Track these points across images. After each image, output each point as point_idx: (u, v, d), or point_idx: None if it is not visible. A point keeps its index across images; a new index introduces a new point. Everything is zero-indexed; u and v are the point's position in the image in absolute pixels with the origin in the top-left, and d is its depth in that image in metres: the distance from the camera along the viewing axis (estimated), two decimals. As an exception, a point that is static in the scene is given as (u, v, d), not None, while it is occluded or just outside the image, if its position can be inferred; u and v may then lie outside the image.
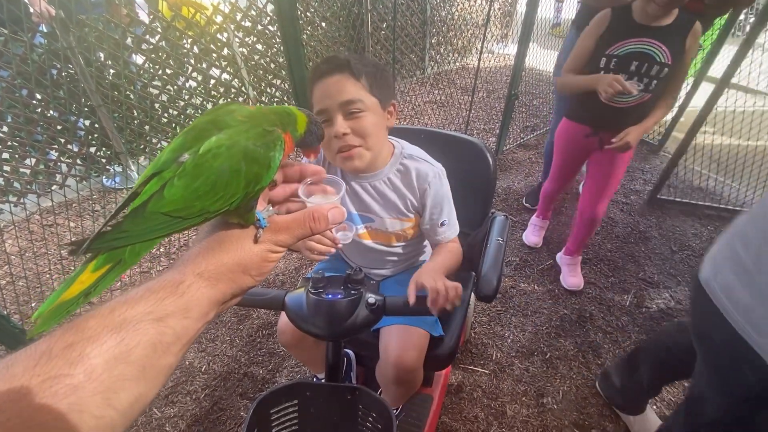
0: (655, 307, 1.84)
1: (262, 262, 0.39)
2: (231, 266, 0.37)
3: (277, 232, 0.40)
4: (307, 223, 0.41)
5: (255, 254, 0.38)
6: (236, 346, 1.69)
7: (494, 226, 1.13)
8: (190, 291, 0.35)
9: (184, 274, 0.36)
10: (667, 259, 2.08)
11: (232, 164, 0.36)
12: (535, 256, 2.12)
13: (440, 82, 3.86)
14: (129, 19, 2.27)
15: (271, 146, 0.39)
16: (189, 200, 0.35)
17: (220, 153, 0.36)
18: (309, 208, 0.42)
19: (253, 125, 0.39)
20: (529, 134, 3.15)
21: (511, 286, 1.95)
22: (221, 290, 0.36)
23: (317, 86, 0.88)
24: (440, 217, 1.03)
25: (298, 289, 0.77)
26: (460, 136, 1.25)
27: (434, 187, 0.99)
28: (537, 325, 1.77)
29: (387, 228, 1.05)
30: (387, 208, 1.03)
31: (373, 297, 0.75)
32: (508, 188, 2.62)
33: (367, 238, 1.08)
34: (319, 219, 0.41)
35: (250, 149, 0.37)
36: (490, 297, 0.93)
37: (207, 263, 0.37)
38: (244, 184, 0.37)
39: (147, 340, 0.31)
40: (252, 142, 0.37)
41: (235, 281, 0.37)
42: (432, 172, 1.00)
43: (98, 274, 0.34)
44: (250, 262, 0.38)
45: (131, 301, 0.32)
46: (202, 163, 0.35)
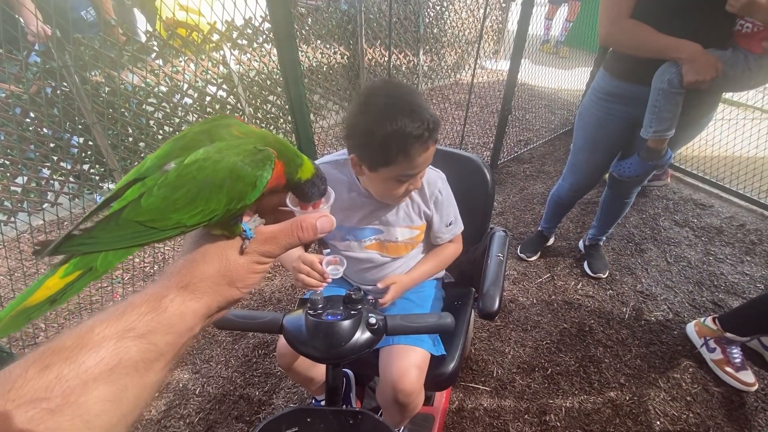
0: (654, 319, 1.83)
1: (248, 274, 0.37)
2: (216, 278, 0.36)
3: (263, 243, 0.38)
4: (295, 232, 0.39)
5: (241, 266, 0.37)
6: (231, 367, 1.65)
7: (494, 242, 1.13)
8: (174, 305, 0.33)
9: (168, 288, 0.34)
10: (664, 271, 2.09)
11: (216, 179, 0.34)
12: (534, 269, 2.11)
13: (434, 98, 3.91)
14: (125, 38, 2.28)
15: (259, 165, 0.37)
16: (166, 211, 0.33)
17: (205, 166, 0.34)
18: (297, 217, 0.41)
19: (246, 142, 0.37)
20: (522, 148, 3.18)
21: (510, 300, 1.93)
22: (206, 304, 0.35)
23: (422, 155, 0.86)
24: (449, 218, 1.09)
25: (297, 311, 0.75)
26: (457, 152, 1.25)
27: (444, 192, 1.06)
28: (537, 339, 1.75)
29: (397, 238, 1.06)
30: (400, 218, 1.05)
31: (373, 317, 0.74)
32: (504, 202, 2.63)
33: (373, 249, 1.08)
34: (308, 228, 0.39)
35: (237, 166, 0.35)
36: (493, 315, 0.92)
37: (191, 276, 0.35)
38: (226, 201, 0.35)
39: (128, 358, 0.29)
40: (241, 159, 0.36)
41: (221, 294, 0.36)
42: (440, 179, 1.06)
43: (67, 280, 0.32)
44: (235, 274, 0.37)
45: (112, 317, 0.31)
46: (185, 174, 0.34)
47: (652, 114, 1.31)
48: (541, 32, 5.07)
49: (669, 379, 1.59)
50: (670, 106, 1.26)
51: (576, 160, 1.75)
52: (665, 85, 1.24)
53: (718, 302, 1.91)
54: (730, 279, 2.02)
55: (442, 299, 1.20)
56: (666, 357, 1.67)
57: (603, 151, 1.63)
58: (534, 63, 3.88)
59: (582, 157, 1.70)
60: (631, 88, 1.40)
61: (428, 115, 0.83)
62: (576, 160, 1.75)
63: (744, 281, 2.01)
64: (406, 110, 0.82)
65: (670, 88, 1.23)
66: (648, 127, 1.33)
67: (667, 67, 1.24)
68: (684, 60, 1.19)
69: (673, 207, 2.56)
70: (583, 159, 1.71)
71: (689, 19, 1.19)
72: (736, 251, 2.20)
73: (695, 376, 1.60)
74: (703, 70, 1.15)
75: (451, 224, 1.09)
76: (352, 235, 1.05)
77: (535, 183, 2.80)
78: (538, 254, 2.17)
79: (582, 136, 1.66)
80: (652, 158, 1.41)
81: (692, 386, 1.56)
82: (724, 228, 2.37)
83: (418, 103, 0.84)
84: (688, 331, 1.73)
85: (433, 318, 0.77)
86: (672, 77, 1.22)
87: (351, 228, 1.05)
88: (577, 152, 1.73)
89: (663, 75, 1.25)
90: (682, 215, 2.48)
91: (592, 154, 1.66)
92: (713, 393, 1.54)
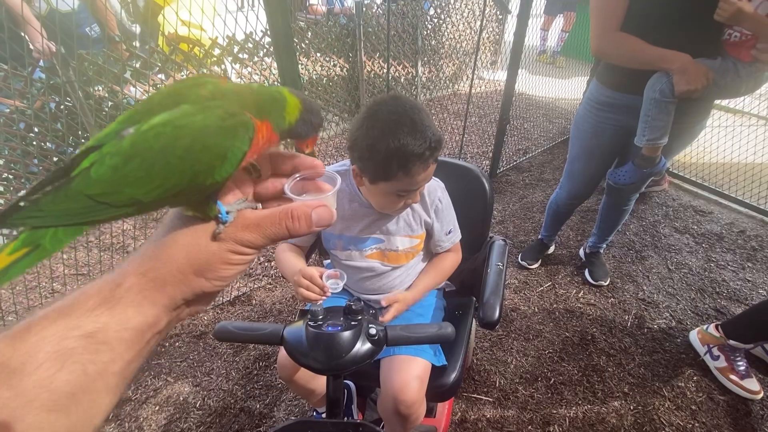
0: (656, 327, 1.82)
1: (220, 264, 0.32)
2: (181, 266, 0.31)
3: (244, 230, 0.33)
4: (284, 221, 0.33)
5: (211, 253, 0.32)
6: (232, 380, 1.64)
7: (493, 251, 1.14)
8: (129, 295, 0.29)
9: (125, 275, 0.30)
10: (665, 278, 2.08)
11: (177, 150, 0.29)
12: (535, 278, 2.11)
13: (433, 108, 3.95)
14: (129, 53, 2.32)
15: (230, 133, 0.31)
16: (118, 185, 0.29)
17: (163, 133, 0.29)
18: (289, 204, 0.35)
19: (217, 105, 0.32)
20: (521, 157, 3.20)
21: (511, 309, 1.93)
22: (168, 294, 0.30)
23: (422, 173, 0.88)
24: (449, 226, 1.10)
25: (297, 323, 0.76)
26: (456, 163, 1.27)
27: (443, 200, 1.07)
28: (539, 349, 1.74)
29: (397, 247, 1.07)
30: (400, 227, 1.06)
31: (374, 327, 0.74)
32: (504, 210, 2.64)
33: (374, 258, 1.08)
34: (300, 218, 0.33)
35: (202, 134, 0.30)
36: (493, 324, 0.93)
37: (154, 262, 0.31)
38: (190, 176, 0.30)
39: (73, 361, 0.25)
40: (208, 126, 0.30)
41: (187, 284, 0.31)
42: (439, 187, 1.07)
43: (14, 257, 0.29)
44: (205, 263, 0.31)
45: (55, 313, 0.27)
46: (141, 142, 0.29)
47: (646, 123, 1.33)
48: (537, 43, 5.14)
49: (673, 388, 1.57)
50: (662, 115, 1.29)
51: (572, 169, 1.76)
52: (657, 94, 1.27)
53: (720, 309, 1.90)
54: (732, 286, 2.02)
55: (443, 309, 1.20)
56: (670, 365, 1.66)
57: (599, 159, 1.65)
58: (531, 73, 3.93)
59: (578, 165, 1.72)
60: (623, 97, 1.43)
61: (431, 134, 0.84)
62: (572, 168, 1.76)
63: (746, 288, 2.01)
64: (409, 128, 0.83)
65: (662, 98, 1.26)
66: (642, 135, 1.36)
67: (659, 77, 1.27)
68: (675, 70, 1.21)
69: (672, 214, 2.56)
70: (579, 167, 1.72)
71: (678, 30, 1.22)
72: (737, 257, 2.20)
73: (700, 384, 1.58)
74: (694, 79, 1.17)
75: (451, 232, 1.11)
76: (353, 245, 1.06)
77: (535, 191, 2.81)
78: (539, 262, 2.17)
79: (577, 145, 1.68)
80: (647, 165, 1.43)
81: (697, 395, 1.55)
82: (725, 234, 2.37)
83: (423, 121, 0.84)
84: (692, 339, 1.72)
85: (434, 328, 0.77)
86: (664, 87, 1.25)
87: (352, 237, 1.05)
88: (573, 161, 1.74)
89: (655, 85, 1.28)
90: (682, 222, 2.48)
91: (587, 162, 1.68)
92: (718, 401, 1.52)
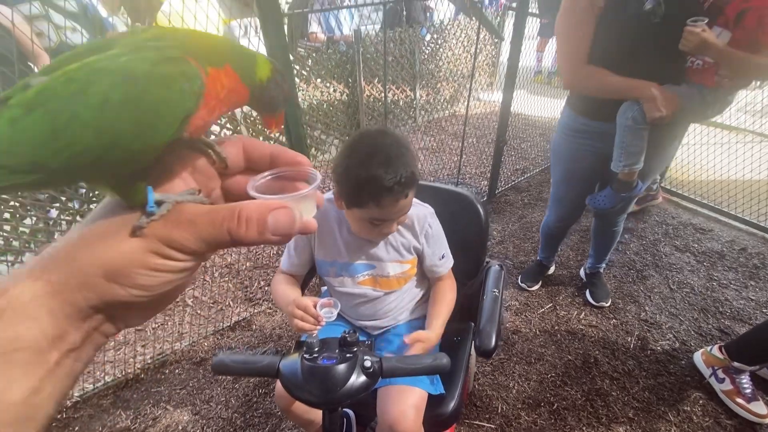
0: (660, 349, 1.80)
1: (138, 268, 0.25)
2: (85, 265, 0.24)
3: (174, 227, 0.26)
4: (225, 223, 0.26)
5: (128, 254, 0.25)
6: (231, 408, 1.63)
7: (489, 277, 1.15)
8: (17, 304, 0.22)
9: (15, 279, 0.23)
10: (668, 298, 2.07)
11: (89, 98, 0.23)
12: (536, 299, 2.10)
13: (431, 130, 4.01)
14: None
15: (171, 81, 0.25)
16: (15, 144, 0.22)
17: (75, 78, 0.23)
18: (236, 203, 0.27)
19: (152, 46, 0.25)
20: (519, 177, 3.23)
21: (512, 332, 1.91)
22: (68, 300, 0.24)
23: (392, 204, 0.90)
24: (441, 251, 1.11)
25: (293, 355, 0.76)
26: (450, 189, 1.29)
27: (434, 227, 1.08)
28: (542, 373, 1.72)
29: (389, 273, 1.08)
30: (389, 251, 1.07)
31: (369, 360, 0.75)
32: (503, 231, 2.65)
33: (367, 285, 1.09)
34: (250, 220, 0.26)
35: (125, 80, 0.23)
36: (490, 353, 0.93)
37: (56, 260, 0.25)
38: (106, 138, 0.23)
39: None
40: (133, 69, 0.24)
41: (91, 288, 0.24)
42: (429, 214, 1.09)
43: None
44: (119, 265, 0.25)
45: None
46: (47, 90, 0.23)
47: (621, 149, 1.37)
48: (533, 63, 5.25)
49: (679, 412, 1.54)
50: (636, 140, 1.33)
51: (557, 193, 1.80)
52: (630, 121, 1.31)
53: (724, 329, 1.88)
54: (735, 305, 2.00)
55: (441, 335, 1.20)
56: (675, 388, 1.63)
57: (580, 183, 1.68)
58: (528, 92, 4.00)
59: (562, 190, 1.76)
60: (596, 125, 1.46)
61: (403, 170, 0.86)
62: (557, 192, 1.79)
63: (749, 307, 1.99)
64: (383, 161, 0.86)
65: (635, 125, 1.31)
66: (617, 161, 1.40)
67: (630, 105, 1.31)
68: (644, 99, 1.25)
69: (672, 232, 2.56)
70: (562, 192, 1.76)
71: (643, 60, 1.27)
72: (739, 276, 2.18)
73: (706, 408, 1.56)
74: (664, 106, 1.21)
75: (444, 257, 1.12)
76: (345, 271, 1.07)
77: (534, 211, 2.82)
78: (539, 283, 2.16)
79: (558, 171, 1.72)
80: (624, 190, 1.47)
81: (703, 419, 1.52)
82: (726, 252, 2.36)
83: (399, 156, 0.87)
84: (696, 361, 1.69)
85: (429, 359, 0.78)
86: (636, 114, 1.29)
87: (344, 264, 1.07)
88: (556, 186, 1.78)
89: (626, 113, 1.32)
90: (683, 240, 2.48)
91: (570, 187, 1.71)
92: (725, 426, 1.49)
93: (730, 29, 1.18)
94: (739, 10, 1.16)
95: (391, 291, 1.10)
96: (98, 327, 0.26)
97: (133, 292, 0.25)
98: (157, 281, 0.26)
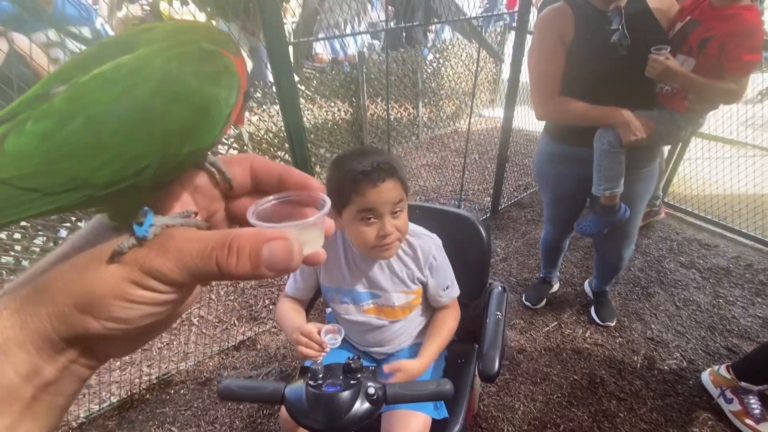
0: (667, 368, 1.78)
1: (113, 299, 0.22)
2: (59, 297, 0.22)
3: (160, 254, 0.23)
4: (215, 253, 0.23)
5: (103, 283, 0.22)
6: (236, 429, 1.63)
7: (492, 300, 1.15)
8: None
9: None
10: (674, 315, 2.05)
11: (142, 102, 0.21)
12: (541, 317, 2.09)
13: (434, 146, 4.06)
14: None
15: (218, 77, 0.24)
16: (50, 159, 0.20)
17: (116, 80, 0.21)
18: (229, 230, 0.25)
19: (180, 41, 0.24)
20: (522, 193, 3.25)
21: (517, 351, 1.90)
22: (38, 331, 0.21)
23: (371, 190, 0.92)
24: (446, 282, 1.12)
25: (298, 382, 0.78)
26: (453, 211, 1.31)
27: (438, 259, 1.09)
28: (547, 393, 1.70)
29: (393, 303, 1.09)
30: (394, 282, 1.08)
31: (372, 387, 0.76)
32: (507, 247, 2.65)
33: (372, 313, 1.10)
34: (242, 251, 0.23)
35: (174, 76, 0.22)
36: (493, 378, 0.93)
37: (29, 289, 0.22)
38: (161, 139, 0.22)
39: None
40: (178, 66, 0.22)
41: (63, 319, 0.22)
42: (434, 246, 1.09)
43: None
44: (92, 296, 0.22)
45: None
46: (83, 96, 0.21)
47: (599, 173, 1.41)
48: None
49: (688, 435, 1.52)
50: (614, 164, 1.37)
51: (549, 213, 1.85)
52: (606, 146, 1.35)
53: (732, 348, 1.86)
54: (742, 323, 1.98)
55: (444, 358, 1.20)
56: (683, 410, 1.61)
57: (568, 205, 1.72)
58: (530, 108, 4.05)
59: (551, 211, 1.82)
60: (576, 150, 1.49)
61: (379, 158, 0.93)
62: (549, 212, 1.85)
63: (757, 324, 1.97)
64: (356, 157, 0.95)
65: (611, 149, 1.35)
66: (597, 185, 1.44)
67: (605, 131, 1.36)
68: (618, 125, 1.30)
69: (677, 248, 2.55)
70: (554, 212, 1.82)
71: (614, 88, 1.32)
72: (746, 293, 2.17)
73: (715, 429, 1.53)
74: (638, 130, 1.26)
75: (448, 288, 1.12)
76: (350, 299, 1.09)
77: (537, 228, 2.83)
78: (544, 301, 2.16)
79: (545, 194, 1.77)
80: (608, 214, 1.50)
81: (713, 442, 1.49)
82: (732, 268, 2.35)
83: (374, 151, 0.96)
84: (704, 381, 1.67)
85: (432, 385, 0.79)
86: (612, 139, 1.33)
87: (349, 291, 1.09)
88: (547, 206, 1.84)
89: (602, 138, 1.36)
90: (688, 256, 2.47)
91: (559, 208, 1.77)
92: (736, 449, 1.47)
93: (694, 56, 1.25)
94: (702, 38, 1.22)
95: (396, 320, 1.11)
96: (76, 360, 0.24)
97: (107, 325, 0.22)
98: (135, 314, 0.23)
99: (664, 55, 1.20)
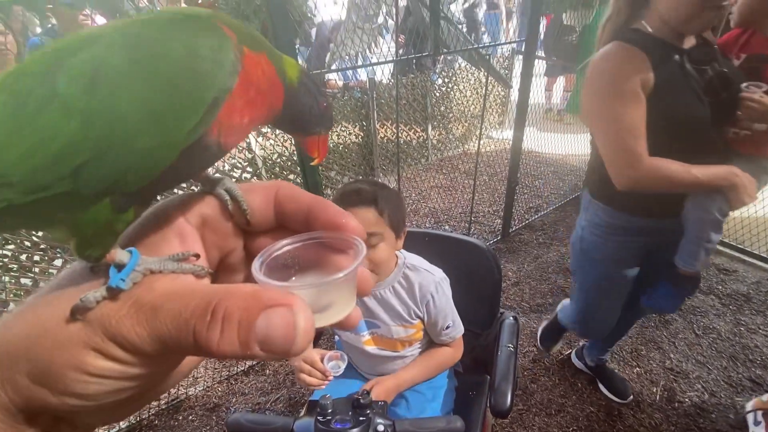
0: (688, 401, 1.71)
1: (70, 370, 0.17)
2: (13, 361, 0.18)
3: (129, 313, 0.18)
4: (193, 321, 0.17)
5: (59, 348, 0.17)
6: (243, 458, 1.60)
7: (504, 331, 1.14)
8: None
9: None
10: (693, 344, 1.99)
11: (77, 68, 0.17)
12: (553, 344, 2.05)
13: (444, 168, 4.09)
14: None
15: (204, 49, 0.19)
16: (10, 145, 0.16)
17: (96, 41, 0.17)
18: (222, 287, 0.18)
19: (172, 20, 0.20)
20: (533, 215, 3.23)
21: (531, 381, 1.86)
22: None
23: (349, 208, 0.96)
24: (445, 322, 1.07)
25: (306, 417, 0.77)
26: (462, 239, 1.31)
27: (436, 297, 1.05)
28: (563, 426, 1.65)
29: (392, 335, 1.08)
30: (392, 316, 1.07)
31: (382, 424, 0.75)
32: (519, 271, 2.62)
33: (371, 345, 1.09)
34: (226, 322, 0.17)
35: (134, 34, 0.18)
36: (505, 413, 0.91)
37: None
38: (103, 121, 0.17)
39: None
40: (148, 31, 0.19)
41: (18, 391, 0.17)
42: (433, 282, 1.05)
43: None
44: (46, 364, 0.17)
45: None
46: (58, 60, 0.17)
47: (698, 246, 1.17)
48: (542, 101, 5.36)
49: (713, 474, 1.45)
50: (718, 235, 1.16)
51: (586, 302, 1.49)
52: (715, 215, 1.11)
53: (755, 379, 1.78)
54: (765, 352, 1.91)
55: (455, 390, 1.18)
56: (707, 447, 1.54)
57: (622, 288, 1.40)
58: (539, 130, 4.06)
59: (593, 298, 1.46)
60: (645, 222, 1.23)
61: (368, 188, 0.95)
62: (586, 301, 1.49)
63: (782, 355, 1.89)
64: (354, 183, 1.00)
65: (721, 217, 1.12)
66: (691, 259, 1.19)
67: (709, 197, 1.10)
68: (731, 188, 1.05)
69: (694, 273, 2.49)
70: (595, 300, 1.46)
71: (704, 139, 1.09)
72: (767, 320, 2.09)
73: (742, 469, 1.46)
74: (752, 190, 1.06)
75: (449, 328, 1.08)
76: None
77: (549, 251, 2.80)
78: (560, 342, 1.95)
79: (590, 277, 1.41)
80: (695, 286, 1.30)
81: (741, 482, 1.42)
82: (752, 295, 2.27)
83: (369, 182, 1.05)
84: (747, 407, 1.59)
85: (442, 422, 0.78)
86: (722, 206, 1.10)
87: None
88: (585, 293, 1.47)
89: (709, 206, 1.11)
90: (706, 282, 2.40)
91: (608, 294, 1.42)
92: (766, 491, 1.39)
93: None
94: None
95: (397, 351, 1.10)
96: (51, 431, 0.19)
97: (67, 401, 0.18)
98: (96, 390, 0.18)
99: (760, 93, 1.02)
